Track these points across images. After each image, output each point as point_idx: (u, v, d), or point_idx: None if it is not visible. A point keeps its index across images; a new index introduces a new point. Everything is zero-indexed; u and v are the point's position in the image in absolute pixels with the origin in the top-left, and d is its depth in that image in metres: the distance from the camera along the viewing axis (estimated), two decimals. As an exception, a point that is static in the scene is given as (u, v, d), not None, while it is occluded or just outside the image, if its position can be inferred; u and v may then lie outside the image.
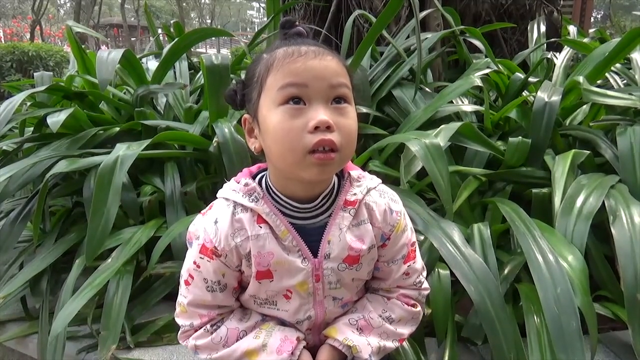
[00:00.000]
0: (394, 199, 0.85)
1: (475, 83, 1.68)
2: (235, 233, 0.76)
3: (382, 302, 0.88)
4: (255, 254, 0.76)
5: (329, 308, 0.84)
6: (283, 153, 0.71)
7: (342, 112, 0.70)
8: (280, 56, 0.70)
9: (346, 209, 0.79)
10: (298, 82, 0.68)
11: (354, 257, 0.80)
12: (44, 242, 1.56)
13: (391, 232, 0.83)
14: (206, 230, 0.78)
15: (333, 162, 0.69)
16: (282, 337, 0.81)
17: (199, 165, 1.79)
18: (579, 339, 0.90)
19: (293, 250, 0.78)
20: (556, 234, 1.16)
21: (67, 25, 2.12)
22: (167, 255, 1.41)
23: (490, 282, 1.04)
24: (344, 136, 0.70)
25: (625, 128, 1.44)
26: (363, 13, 2.15)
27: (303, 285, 0.80)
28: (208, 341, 0.81)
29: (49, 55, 9.00)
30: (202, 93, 2.18)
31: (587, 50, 2.03)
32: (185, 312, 0.82)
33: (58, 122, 1.54)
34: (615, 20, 11.98)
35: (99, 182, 1.32)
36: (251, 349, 0.80)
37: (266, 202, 0.77)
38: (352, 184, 0.81)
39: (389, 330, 0.85)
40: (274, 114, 0.70)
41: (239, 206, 0.77)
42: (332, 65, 0.70)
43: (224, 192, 0.80)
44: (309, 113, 0.68)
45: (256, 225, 0.76)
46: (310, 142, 0.67)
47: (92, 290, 1.23)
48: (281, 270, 0.78)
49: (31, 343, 1.37)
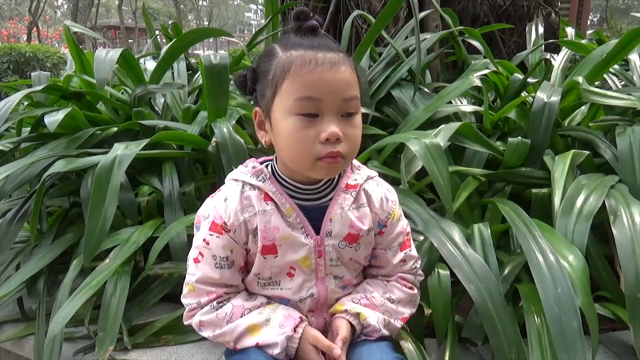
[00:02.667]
0: (389, 189, 0.92)
1: (474, 83, 1.68)
2: (244, 209, 0.82)
3: (382, 285, 0.93)
4: (262, 228, 0.81)
5: (330, 287, 0.87)
6: (294, 158, 0.78)
7: (351, 123, 0.77)
8: (298, 62, 0.74)
9: (348, 191, 0.86)
10: (314, 96, 0.73)
11: (353, 236, 0.85)
12: (41, 242, 1.55)
13: (387, 220, 0.89)
14: (216, 207, 0.83)
15: (339, 165, 0.77)
16: (286, 314, 0.84)
17: (197, 166, 1.78)
18: (580, 339, 0.90)
19: (297, 226, 0.83)
20: (556, 234, 1.15)
21: (64, 25, 2.11)
22: (165, 256, 1.40)
23: (491, 282, 1.04)
24: (351, 144, 0.77)
25: (624, 128, 1.44)
26: (362, 13, 2.15)
27: (306, 261, 0.84)
28: (213, 317, 0.83)
29: (46, 56, 8.97)
30: (200, 94, 2.17)
31: (585, 51, 2.03)
32: (193, 291, 0.85)
33: (55, 122, 1.53)
34: (612, 23, 12.03)
35: (97, 182, 1.31)
36: (254, 323, 0.82)
37: (272, 183, 0.84)
38: (353, 170, 0.89)
39: (391, 309, 0.90)
40: (288, 122, 0.75)
41: (247, 185, 0.83)
42: (346, 78, 0.76)
43: (233, 174, 0.86)
44: (321, 125, 0.74)
45: (263, 202, 0.82)
46: (320, 152, 0.74)
47: (90, 291, 1.21)
48: (285, 245, 0.82)
49: (27, 344, 1.36)
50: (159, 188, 1.60)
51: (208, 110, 1.65)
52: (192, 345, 1.24)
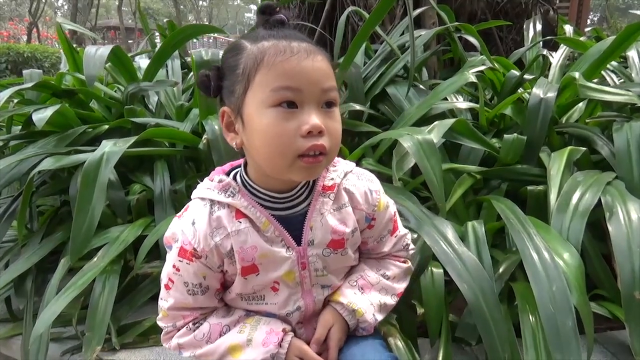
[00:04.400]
0: (370, 179, 0.87)
1: (469, 79, 1.65)
2: (214, 232, 0.75)
3: (376, 263, 0.91)
4: (238, 250, 0.75)
5: (317, 297, 0.83)
6: (272, 156, 0.71)
7: (331, 116, 0.71)
8: (271, 52, 0.69)
9: (325, 194, 0.80)
10: (293, 86, 0.68)
11: (338, 241, 0.80)
12: (29, 241, 1.53)
13: (374, 212, 0.85)
14: (184, 232, 0.76)
15: (321, 164, 0.71)
16: (268, 330, 0.79)
17: (190, 164, 1.76)
18: (575, 338, 0.87)
19: (276, 240, 0.77)
20: (552, 232, 1.13)
21: (57, 23, 2.09)
22: (155, 255, 1.38)
23: (484, 280, 1.01)
24: (332, 139, 0.71)
25: (621, 124, 1.41)
26: (357, 10, 2.13)
27: (290, 275, 0.79)
28: (190, 338, 0.80)
29: (44, 56, 8.99)
30: (194, 91, 2.15)
31: (583, 48, 2.01)
32: (167, 316, 0.81)
33: (44, 119, 1.50)
34: (612, 22, 11.99)
35: (84, 180, 1.29)
36: (235, 343, 0.78)
37: (243, 196, 0.77)
38: (328, 169, 0.82)
39: (387, 285, 0.88)
40: (265, 116, 0.69)
41: (215, 204, 0.76)
42: (324, 67, 0.71)
43: (198, 192, 0.79)
44: (301, 117, 0.68)
45: (235, 221, 0.75)
46: (302, 147, 0.67)
47: (76, 290, 1.19)
48: (266, 263, 0.77)
49: (15, 344, 1.34)
50: (150, 186, 1.59)
51: (199, 108, 1.64)
52: (182, 345, 1.22)
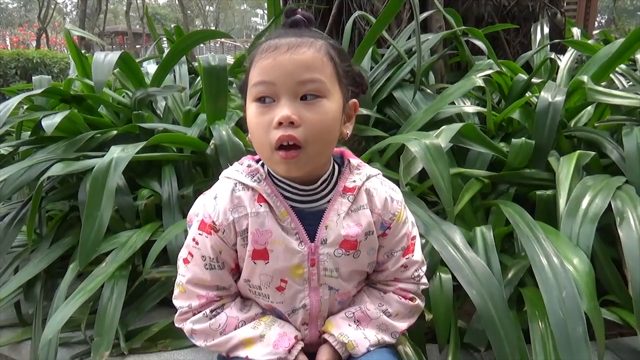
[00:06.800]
0: (394, 189, 0.86)
1: (477, 83, 1.65)
2: (233, 209, 0.78)
3: (379, 296, 0.88)
4: (254, 231, 0.77)
5: (324, 297, 0.83)
6: (258, 148, 0.76)
7: (310, 108, 0.71)
8: (259, 51, 0.73)
9: (345, 195, 0.80)
10: (266, 80, 0.71)
11: (351, 243, 0.80)
12: (39, 246, 1.54)
13: (392, 221, 0.83)
14: (205, 206, 0.80)
15: (298, 159, 0.71)
16: (281, 332, 0.81)
17: (198, 169, 1.76)
18: (585, 345, 0.87)
19: (291, 232, 0.78)
20: (561, 237, 1.12)
21: (65, 29, 2.11)
22: (163, 260, 1.38)
23: (493, 286, 1.01)
24: (309, 130, 0.70)
25: (631, 128, 1.40)
26: (364, 14, 2.13)
27: (298, 269, 0.79)
28: (206, 326, 0.81)
29: (53, 62, 9.08)
30: (202, 96, 2.16)
31: (591, 51, 2.00)
32: (184, 293, 0.82)
33: (53, 125, 1.52)
34: (620, 24, 11.93)
35: (93, 185, 1.30)
36: (248, 337, 0.79)
37: (268, 184, 0.79)
38: (352, 171, 0.83)
39: (387, 322, 0.85)
40: (250, 110, 0.74)
41: (240, 184, 0.79)
42: (304, 59, 0.71)
43: (227, 172, 0.82)
44: (276, 109, 0.70)
45: (256, 204, 0.78)
46: (274, 138, 0.70)
47: (85, 295, 1.20)
48: (277, 251, 0.78)
49: (24, 349, 1.34)
50: (158, 191, 1.59)
51: (207, 113, 1.64)
52: (190, 350, 1.22)
